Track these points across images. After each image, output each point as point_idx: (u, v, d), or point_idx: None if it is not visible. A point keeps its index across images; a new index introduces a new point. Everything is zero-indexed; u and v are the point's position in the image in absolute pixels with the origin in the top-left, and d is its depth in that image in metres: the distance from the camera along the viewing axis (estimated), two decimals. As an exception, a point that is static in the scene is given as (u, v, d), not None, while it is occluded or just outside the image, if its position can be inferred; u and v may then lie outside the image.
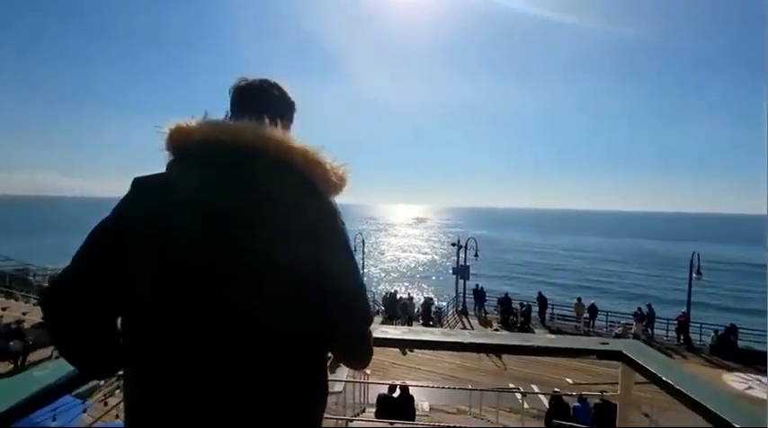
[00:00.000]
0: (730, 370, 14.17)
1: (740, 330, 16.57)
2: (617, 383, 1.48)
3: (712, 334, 16.40)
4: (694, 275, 17.70)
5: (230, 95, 0.96)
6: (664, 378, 1.20)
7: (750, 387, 12.66)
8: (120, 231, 0.80)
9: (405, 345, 1.45)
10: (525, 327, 17.49)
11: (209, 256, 0.75)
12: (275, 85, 0.97)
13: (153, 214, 0.79)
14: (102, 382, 8.14)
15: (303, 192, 0.81)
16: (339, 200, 0.89)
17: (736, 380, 13.17)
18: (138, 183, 0.85)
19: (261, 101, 0.94)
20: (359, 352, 0.90)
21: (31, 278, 20.54)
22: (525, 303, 19.40)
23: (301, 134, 0.88)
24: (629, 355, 1.38)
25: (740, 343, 15.95)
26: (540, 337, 1.50)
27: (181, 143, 0.84)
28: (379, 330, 1.48)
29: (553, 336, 1.57)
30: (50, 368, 1.10)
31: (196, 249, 0.75)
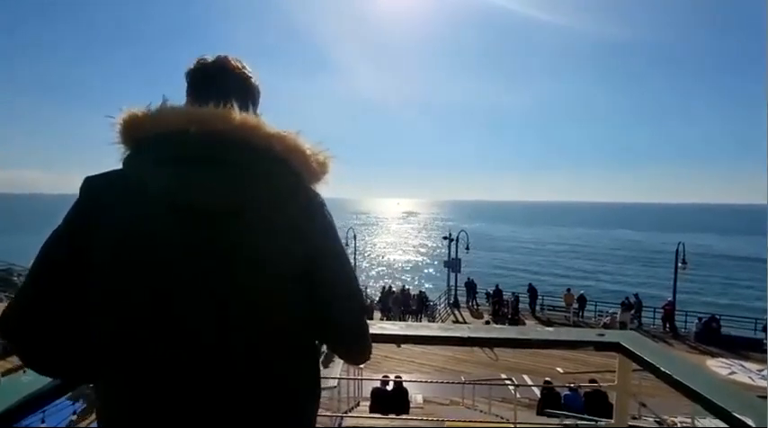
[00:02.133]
0: (713, 355, 14.59)
1: (723, 318, 17.09)
2: (607, 371, 1.50)
3: (696, 321, 16.85)
4: (680, 265, 18.11)
5: (188, 78, 0.84)
6: (662, 369, 1.21)
7: (733, 372, 13.05)
8: (79, 242, 0.70)
9: (404, 341, 1.44)
10: (515, 318, 17.70)
11: (199, 260, 0.68)
12: (241, 65, 0.86)
13: (123, 219, 0.69)
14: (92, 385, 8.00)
15: (289, 183, 0.75)
16: (327, 193, 0.83)
17: (719, 366, 13.56)
18: (94, 185, 0.74)
19: (226, 83, 0.82)
20: (360, 347, 0.87)
21: (15, 278, 20.13)
22: (515, 294, 19.65)
23: (285, 126, 0.77)
24: (627, 347, 1.39)
25: (723, 330, 16.43)
26: (539, 330, 1.51)
27: (138, 135, 0.73)
28: (378, 326, 1.47)
29: (551, 329, 1.58)
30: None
31: (184, 254, 0.68)
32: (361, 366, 9.32)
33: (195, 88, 0.83)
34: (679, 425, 6.11)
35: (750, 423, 0.91)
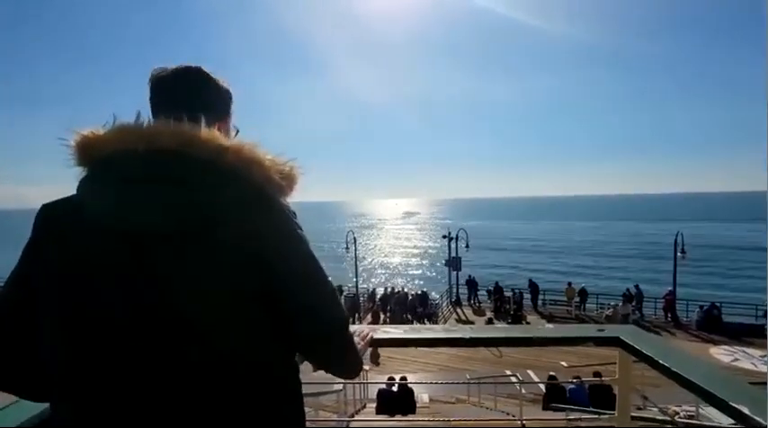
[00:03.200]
0: (716, 343, 14.65)
1: (723, 305, 17.17)
2: (609, 363, 1.53)
3: (697, 310, 16.91)
4: (679, 254, 18.18)
5: (149, 91, 0.80)
6: (661, 362, 1.23)
7: (736, 359, 13.12)
8: (30, 277, 0.70)
9: (407, 344, 1.47)
10: (518, 315, 17.75)
11: (133, 288, 0.64)
12: (196, 71, 0.80)
13: (65, 247, 0.68)
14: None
15: (242, 199, 0.69)
16: (327, 197, 0.78)
17: (722, 353, 13.63)
18: (46, 214, 0.72)
19: (178, 93, 0.78)
20: (343, 364, 0.83)
21: None
22: (517, 290, 19.70)
23: (283, 131, 0.66)
24: (627, 341, 1.42)
25: (724, 318, 16.50)
26: (540, 329, 1.54)
27: (91, 156, 0.70)
28: (381, 331, 1.49)
29: (551, 326, 1.61)
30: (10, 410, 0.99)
31: (116, 283, 0.65)
32: (366, 368, 9.34)
33: (153, 101, 0.80)
34: (682, 414, 6.15)
35: (746, 411, 0.94)
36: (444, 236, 23.13)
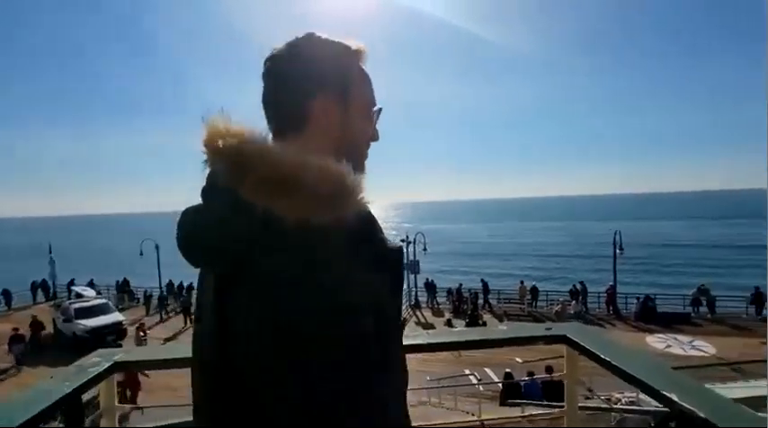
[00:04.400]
0: (652, 332, 15.97)
1: (658, 297, 18.78)
2: (561, 356, 1.62)
3: (635, 302, 18.35)
4: (618, 251, 19.66)
5: None
6: (602, 356, 1.33)
7: (669, 346, 14.37)
8: None
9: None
10: (474, 315, 18.32)
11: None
12: (280, 57, 0.69)
13: None
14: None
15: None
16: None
17: (656, 341, 14.87)
18: None
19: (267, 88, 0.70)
20: None
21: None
22: (474, 291, 20.39)
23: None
24: (572, 338, 1.51)
25: (659, 309, 18.04)
26: (493, 330, 1.60)
27: None
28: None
29: (504, 327, 1.68)
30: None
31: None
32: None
33: None
34: (624, 400, 6.63)
35: (674, 398, 1.03)
36: (402, 240, 23.41)
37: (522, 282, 20.72)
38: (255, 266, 0.56)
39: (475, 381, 9.61)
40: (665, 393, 1.07)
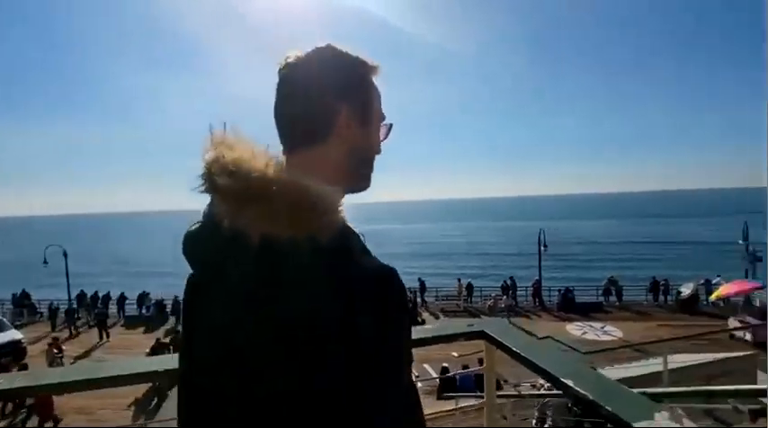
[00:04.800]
0: (571, 320, 17.57)
1: (577, 288, 20.69)
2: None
3: (557, 294, 20.07)
4: (542, 248, 21.34)
5: None
6: (513, 349, 1.44)
7: (585, 332, 15.89)
8: None
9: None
10: (414, 313, 18.81)
11: None
12: (302, 65, 0.67)
13: None
14: None
15: None
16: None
17: (575, 328, 16.39)
18: None
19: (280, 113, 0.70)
20: None
21: None
22: (412, 289, 20.95)
23: (157, 129, 0.49)
24: (490, 333, 1.61)
25: (577, 299, 19.91)
26: (417, 329, 1.65)
27: None
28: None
29: (428, 326, 1.74)
30: None
31: None
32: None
33: None
34: (546, 386, 7.20)
35: (570, 383, 1.15)
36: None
37: (459, 280, 21.69)
38: (227, 279, 0.58)
39: (413, 378, 9.83)
40: (563, 380, 1.18)
